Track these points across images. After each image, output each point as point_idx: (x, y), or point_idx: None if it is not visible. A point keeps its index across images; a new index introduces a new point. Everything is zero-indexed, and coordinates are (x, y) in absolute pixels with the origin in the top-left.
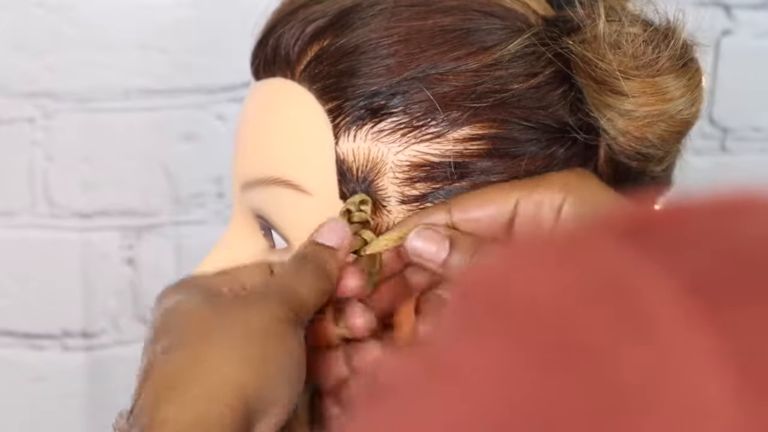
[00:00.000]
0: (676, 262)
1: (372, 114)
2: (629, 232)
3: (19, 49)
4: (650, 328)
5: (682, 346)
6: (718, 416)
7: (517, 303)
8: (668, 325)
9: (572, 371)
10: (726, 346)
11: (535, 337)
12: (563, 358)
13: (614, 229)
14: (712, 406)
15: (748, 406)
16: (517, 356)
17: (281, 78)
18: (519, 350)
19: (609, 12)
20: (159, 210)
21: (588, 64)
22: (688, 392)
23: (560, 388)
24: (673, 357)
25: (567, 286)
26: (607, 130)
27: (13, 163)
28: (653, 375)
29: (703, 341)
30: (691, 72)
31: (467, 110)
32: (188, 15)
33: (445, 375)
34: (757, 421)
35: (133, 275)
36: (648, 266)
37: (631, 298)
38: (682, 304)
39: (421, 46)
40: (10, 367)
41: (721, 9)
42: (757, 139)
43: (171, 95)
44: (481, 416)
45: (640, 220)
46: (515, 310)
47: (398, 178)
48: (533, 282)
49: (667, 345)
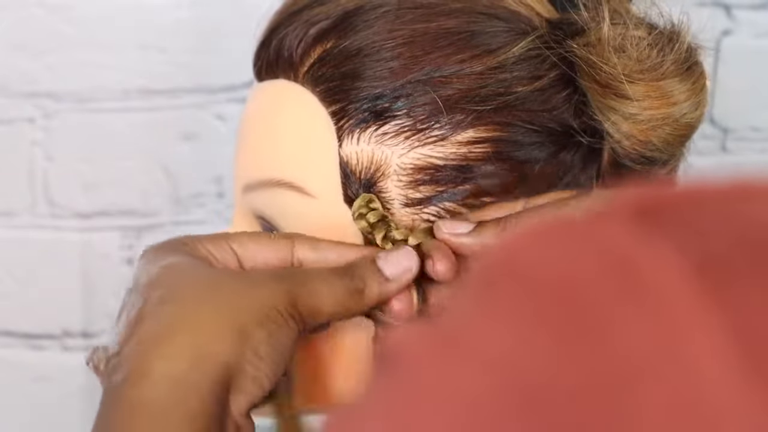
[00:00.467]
0: (686, 242)
1: (375, 117)
2: (642, 213)
3: (19, 49)
4: (658, 304)
5: (687, 323)
6: (720, 390)
7: (533, 280)
8: (675, 302)
9: (583, 345)
10: (731, 324)
11: (549, 313)
12: (576, 332)
13: (628, 210)
14: (714, 380)
15: (749, 382)
16: (532, 330)
17: (284, 80)
18: (534, 325)
19: (613, 15)
20: (159, 210)
21: (592, 68)
22: (691, 366)
23: (571, 361)
24: (679, 333)
25: (581, 264)
26: (612, 133)
27: (13, 163)
28: (659, 349)
29: (708, 319)
30: (695, 75)
31: (471, 113)
32: (188, 15)
33: (462, 347)
34: (757, 397)
35: None
36: (658, 245)
37: (641, 275)
38: (689, 283)
39: (425, 49)
40: (10, 367)
41: (721, 9)
42: (757, 139)
43: (171, 95)
44: (497, 387)
45: (653, 202)
46: (531, 287)
47: (402, 181)
48: (549, 260)
49: (673, 321)
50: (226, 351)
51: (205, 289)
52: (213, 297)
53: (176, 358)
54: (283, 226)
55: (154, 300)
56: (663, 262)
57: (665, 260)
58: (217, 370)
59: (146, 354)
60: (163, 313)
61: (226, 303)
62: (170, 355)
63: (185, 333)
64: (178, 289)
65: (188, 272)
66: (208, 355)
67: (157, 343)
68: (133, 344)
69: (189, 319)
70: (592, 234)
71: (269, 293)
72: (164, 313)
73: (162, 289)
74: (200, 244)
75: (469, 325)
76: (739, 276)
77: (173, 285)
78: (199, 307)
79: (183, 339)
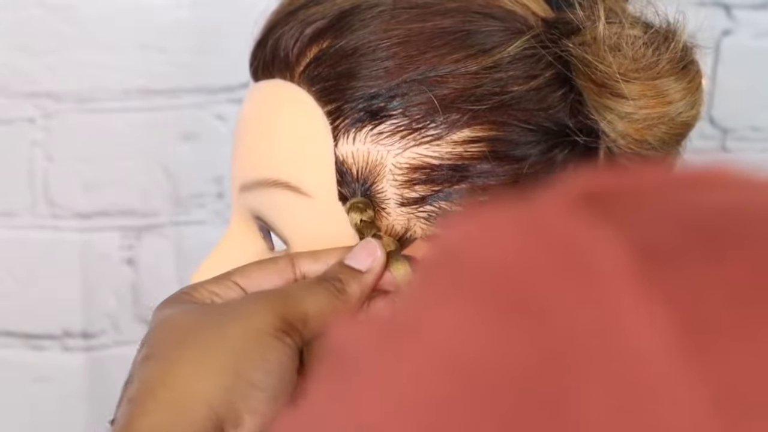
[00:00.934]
0: (629, 227)
1: (371, 116)
2: (587, 198)
3: (19, 49)
4: (599, 289)
5: (628, 308)
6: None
7: (476, 267)
8: (616, 287)
9: (523, 327)
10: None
11: (492, 299)
12: (517, 317)
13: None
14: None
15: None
16: (475, 315)
17: (280, 79)
18: (477, 310)
19: (609, 14)
20: (159, 210)
21: (588, 67)
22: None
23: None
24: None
25: (523, 251)
26: (607, 132)
27: (13, 163)
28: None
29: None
30: (691, 74)
31: (466, 112)
32: (188, 15)
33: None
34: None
35: (133, 275)
36: (600, 232)
37: (582, 261)
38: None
39: (421, 49)
40: (10, 367)
41: (721, 9)
42: (757, 139)
43: (171, 95)
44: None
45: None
46: (474, 274)
47: (397, 180)
48: (492, 248)
49: (614, 303)
50: (210, 394)
51: (188, 334)
52: (195, 341)
53: (159, 412)
54: (279, 225)
55: (139, 360)
56: (606, 246)
57: (608, 244)
58: (204, 414)
59: (131, 414)
60: (146, 370)
61: (209, 343)
62: (152, 411)
63: (166, 386)
64: (161, 343)
65: (175, 322)
66: (191, 404)
67: (140, 401)
68: (122, 407)
69: (170, 371)
70: (536, 219)
71: (254, 317)
72: (147, 370)
73: (147, 347)
74: (202, 288)
75: (412, 313)
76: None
77: (158, 340)
78: (181, 355)
79: (164, 392)
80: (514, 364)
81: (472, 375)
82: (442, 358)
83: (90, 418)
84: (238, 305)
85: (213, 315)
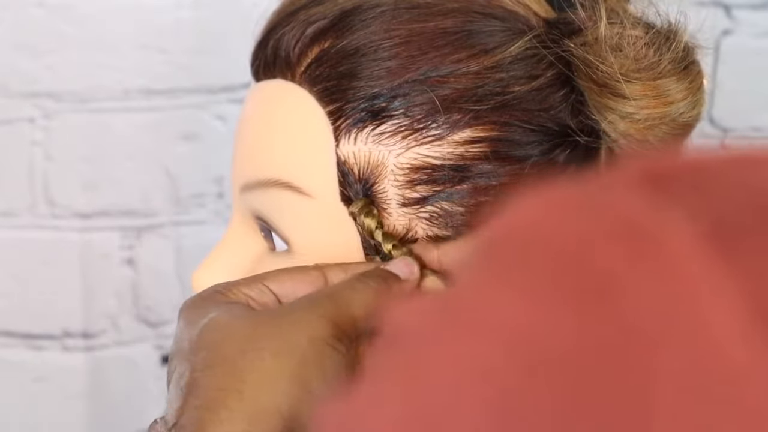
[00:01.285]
0: (696, 208)
1: (373, 116)
2: (651, 181)
3: (19, 49)
4: (668, 268)
5: (700, 287)
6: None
7: (540, 249)
8: (686, 266)
9: (596, 312)
10: (743, 287)
11: (560, 280)
12: (588, 299)
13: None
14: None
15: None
16: (543, 298)
17: (281, 79)
18: (545, 292)
19: (610, 14)
20: (159, 210)
21: (589, 67)
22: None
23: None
24: (692, 297)
25: (591, 231)
26: (609, 132)
27: (13, 163)
28: (669, 312)
29: (719, 282)
30: (692, 75)
31: (468, 113)
32: (188, 16)
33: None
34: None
35: (133, 275)
36: (669, 211)
37: (650, 241)
38: (701, 248)
39: (422, 49)
40: (10, 367)
41: (721, 9)
42: (757, 139)
43: (171, 95)
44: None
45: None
46: (539, 256)
47: (399, 180)
48: (556, 228)
49: (686, 286)
50: (280, 401)
51: (247, 341)
52: (259, 348)
53: (234, 420)
54: (280, 226)
55: (200, 365)
56: (674, 228)
57: (676, 225)
58: (276, 422)
59: (203, 421)
60: (212, 376)
61: (271, 351)
62: (227, 419)
63: (236, 393)
64: (220, 348)
65: (228, 326)
66: (264, 411)
67: (212, 408)
68: (190, 412)
69: (240, 379)
70: (602, 201)
71: (312, 325)
72: (213, 376)
73: (205, 351)
74: (235, 289)
75: (474, 296)
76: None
77: (215, 344)
78: (245, 362)
79: (236, 402)
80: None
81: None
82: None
83: (90, 418)
84: (291, 311)
85: (271, 322)
